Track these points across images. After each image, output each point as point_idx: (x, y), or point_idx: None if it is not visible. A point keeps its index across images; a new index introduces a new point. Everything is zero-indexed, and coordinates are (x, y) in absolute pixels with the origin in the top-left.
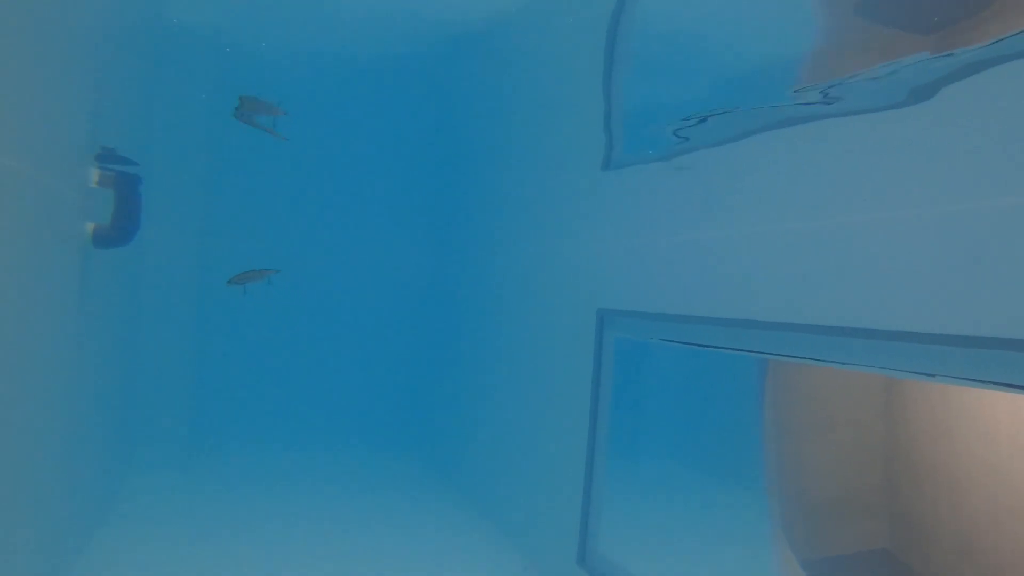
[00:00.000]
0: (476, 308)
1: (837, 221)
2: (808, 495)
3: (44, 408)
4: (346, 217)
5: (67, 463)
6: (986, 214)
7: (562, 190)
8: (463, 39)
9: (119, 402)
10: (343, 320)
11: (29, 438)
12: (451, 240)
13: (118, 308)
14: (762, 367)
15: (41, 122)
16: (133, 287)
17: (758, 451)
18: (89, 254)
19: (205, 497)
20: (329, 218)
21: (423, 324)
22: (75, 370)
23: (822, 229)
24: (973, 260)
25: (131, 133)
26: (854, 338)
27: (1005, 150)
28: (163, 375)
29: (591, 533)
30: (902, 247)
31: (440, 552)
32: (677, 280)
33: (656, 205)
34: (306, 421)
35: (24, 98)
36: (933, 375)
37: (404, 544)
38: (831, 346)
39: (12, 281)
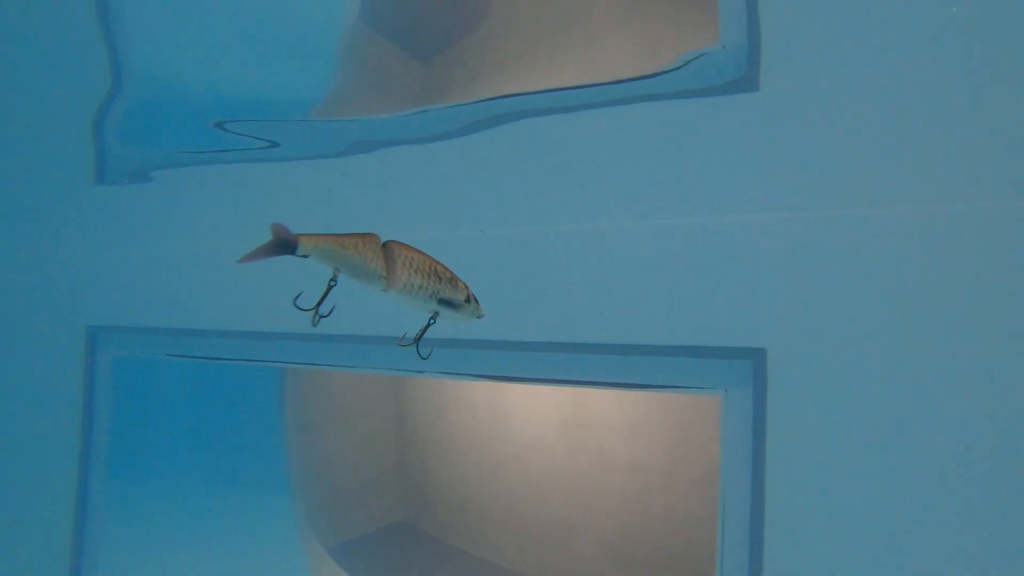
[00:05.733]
0: None
1: None
2: (331, 486)
3: None
4: None
5: None
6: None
7: (43, 197)
8: None
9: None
10: None
11: None
12: None
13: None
14: (282, 371)
15: None
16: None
17: (281, 453)
18: None
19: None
20: None
21: None
22: None
23: None
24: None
25: None
26: (367, 345)
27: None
28: None
29: (86, 568)
30: None
31: None
32: (175, 294)
33: (142, 217)
34: None
35: None
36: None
37: None
38: (347, 353)
39: None
